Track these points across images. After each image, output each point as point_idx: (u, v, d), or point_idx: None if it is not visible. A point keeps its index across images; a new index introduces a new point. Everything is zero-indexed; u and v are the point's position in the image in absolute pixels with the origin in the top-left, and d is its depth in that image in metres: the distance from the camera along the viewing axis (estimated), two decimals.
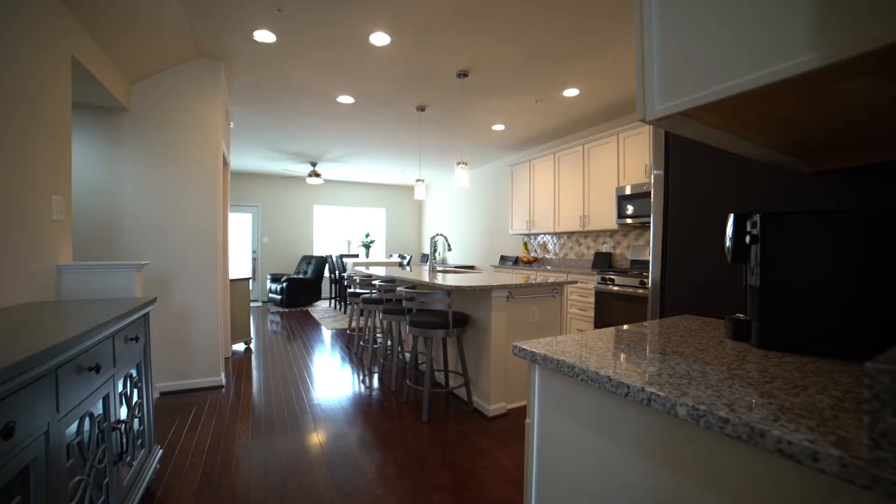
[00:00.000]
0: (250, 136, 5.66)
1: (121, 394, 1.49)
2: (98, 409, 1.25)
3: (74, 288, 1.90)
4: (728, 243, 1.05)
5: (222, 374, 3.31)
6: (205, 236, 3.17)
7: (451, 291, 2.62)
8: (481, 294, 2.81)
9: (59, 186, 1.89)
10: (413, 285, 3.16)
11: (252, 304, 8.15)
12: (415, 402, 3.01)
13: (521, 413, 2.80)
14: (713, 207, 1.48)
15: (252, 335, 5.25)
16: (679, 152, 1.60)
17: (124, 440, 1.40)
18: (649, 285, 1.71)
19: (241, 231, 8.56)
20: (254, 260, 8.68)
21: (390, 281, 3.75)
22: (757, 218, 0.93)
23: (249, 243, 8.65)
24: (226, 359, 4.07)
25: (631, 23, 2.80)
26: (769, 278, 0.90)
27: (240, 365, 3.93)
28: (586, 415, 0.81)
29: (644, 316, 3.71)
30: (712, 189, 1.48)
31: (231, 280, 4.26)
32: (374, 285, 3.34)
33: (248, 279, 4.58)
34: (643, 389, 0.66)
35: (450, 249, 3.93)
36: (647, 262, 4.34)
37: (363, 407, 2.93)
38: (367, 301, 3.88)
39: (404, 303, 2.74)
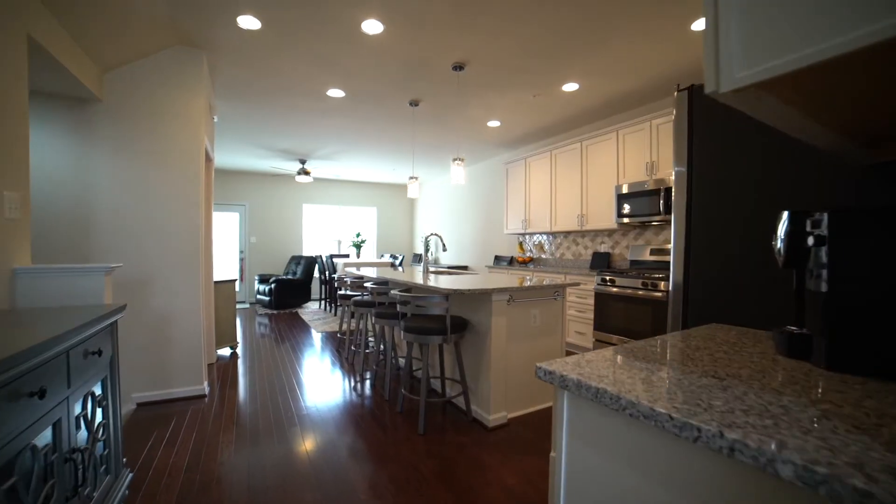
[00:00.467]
0: (236, 132, 5.44)
1: (79, 416, 1.31)
2: (45, 439, 1.07)
3: (32, 294, 1.71)
4: (779, 245, 0.91)
5: (205, 382, 3.11)
6: (186, 236, 2.98)
7: (448, 295, 2.46)
8: (480, 298, 2.66)
9: (13, 181, 1.69)
10: (407, 288, 3.00)
11: (239, 306, 7.91)
12: (410, 411, 2.85)
13: (522, 423, 2.66)
14: (743, 205, 1.35)
15: (239, 339, 5.04)
16: (705, 148, 1.46)
17: (81, 470, 1.22)
18: (670, 288, 1.57)
19: (227, 231, 8.30)
20: (241, 260, 8.43)
21: (383, 283, 3.58)
22: (823, 216, 0.79)
23: (236, 243, 8.40)
24: (210, 365, 3.87)
25: (633, 17, 2.68)
26: (842, 286, 0.76)
27: (225, 371, 3.73)
28: (634, 457, 0.66)
29: (648, 318, 3.59)
30: (744, 186, 1.35)
31: (216, 282, 4.05)
32: (366, 288, 3.17)
33: (234, 281, 4.37)
34: (721, 435, 0.51)
35: (445, 250, 3.78)
36: (648, 262, 4.24)
37: (355, 417, 2.76)
38: (359, 304, 3.70)
39: (399, 307, 2.58)
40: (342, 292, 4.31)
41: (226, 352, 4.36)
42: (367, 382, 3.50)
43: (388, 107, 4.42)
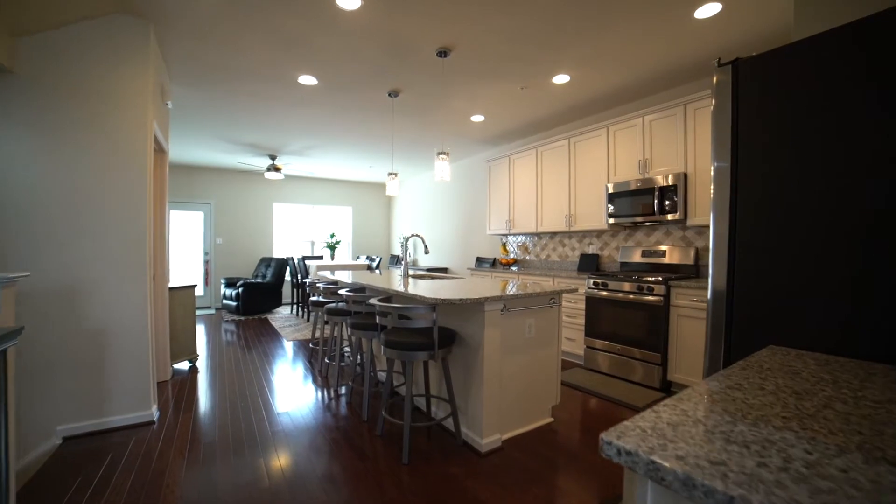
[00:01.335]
0: (198, 123, 4.96)
1: None
2: None
3: None
4: None
5: (154, 406, 2.70)
6: (130, 237, 2.56)
7: (436, 306, 2.16)
8: (471, 307, 2.38)
9: None
10: (388, 296, 2.69)
11: (203, 312, 7.35)
12: (391, 434, 2.54)
13: (518, 445, 2.39)
14: (804, 204, 1.12)
15: (201, 350, 4.58)
16: (755, 136, 1.23)
17: None
18: (708, 296, 1.33)
19: (191, 231, 7.72)
20: (206, 263, 7.86)
21: (360, 290, 3.25)
22: None
23: (201, 244, 7.82)
24: (163, 383, 3.43)
25: (632, 3, 2.47)
26: None
27: (181, 389, 3.31)
28: None
29: (643, 324, 3.40)
30: (802, 182, 1.11)
31: (172, 288, 3.61)
32: (341, 295, 2.84)
33: (193, 286, 3.93)
34: None
35: (427, 252, 3.48)
36: (639, 264, 4.06)
37: (329, 442, 2.42)
38: (333, 312, 3.36)
39: (378, 318, 2.27)
40: (315, 298, 3.95)
41: (184, 366, 3.91)
42: (343, 398, 3.16)
43: (366, 97, 4.08)
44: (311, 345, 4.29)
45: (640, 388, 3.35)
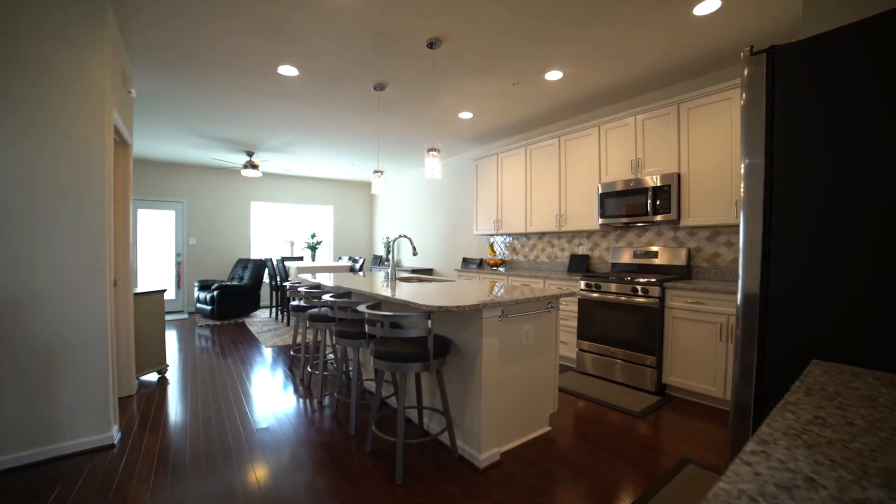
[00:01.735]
0: (167, 116, 4.65)
1: None
2: None
3: None
4: None
5: (114, 428, 2.44)
6: (87, 237, 2.30)
7: (431, 313, 2.00)
8: (468, 314, 2.22)
9: None
10: (376, 302, 2.51)
11: (176, 317, 6.97)
12: (381, 450, 2.36)
13: (517, 458, 2.26)
14: (859, 197, 1.01)
15: (172, 359, 4.28)
16: (791, 130, 1.12)
17: None
18: (738, 302, 1.22)
19: (161, 231, 7.31)
20: (178, 265, 7.46)
21: (345, 295, 3.06)
22: None
23: (172, 245, 7.42)
24: (127, 398, 3.15)
25: None
26: None
27: (148, 404, 3.04)
28: None
29: (638, 327, 3.32)
30: (854, 182, 1.00)
31: (137, 293, 3.33)
32: (325, 301, 2.64)
33: (162, 291, 3.65)
34: None
35: (415, 254, 3.32)
36: (631, 265, 4.00)
37: (314, 461, 2.23)
38: (315, 318, 3.15)
39: (367, 327, 2.09)
40: (296, 303, 3.72)
41: (152, 378, 3.62)
42: (327, 410, 2.95)
43: (351, 90, 3.88)
44: (291, 352, 4.05)
45: (634, 392, 3.26)
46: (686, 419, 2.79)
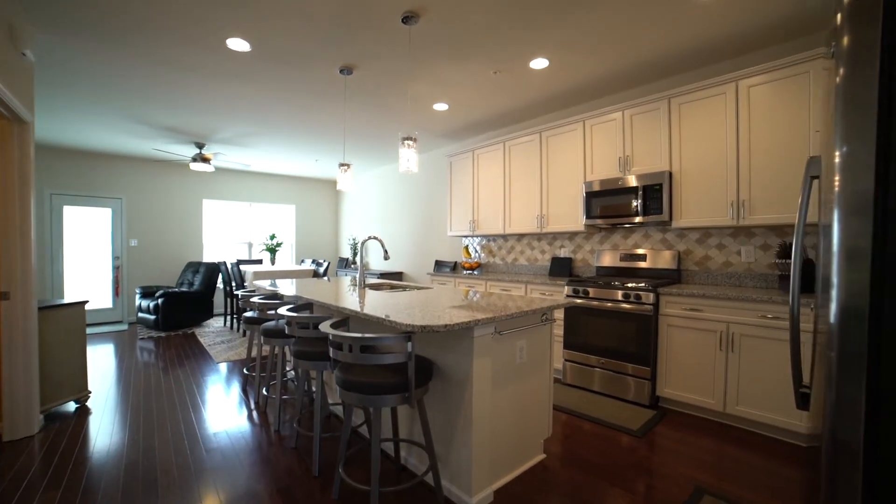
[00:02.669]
0: (94, 96, 4.01)
1: None
2: None
3: None
4: None
5: None
6: None
7: (412, 334, 1.63)
8: (457, 332, 1.87)
9: None
10: (343, 318, 2.11)
11: (112, 329, 6.19)
12: (352, 496, 1.97)
13: (511, 496, 1.93)
14: None
15: (101, 380, 3.65)
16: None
17: None
18: (832, 318, 0.93)
19: (95, 232, 6.49)
20: (116, 269, 6.65)
21: (304, 307, 2.63)
22: None
23: (109, 247, 6.61)
24: (22, 441, 2.57)
25: None
26: None
27: (53, 446, 2.48)
28: None
29: (630, 335, 3.08)
30: None
31: (45, 307, 2.75)
32: (281, 315, 2.22)
33: (82, 303, 3.06)
34: None
35: (387, 258, 2.93)
36: (617, 268, 3.78)
37: None
38: (271, 333, 2.71)
39: (332, 351, 1.69)
40: (249, 314, 3.24)
41: (69, 407, 3.03)
42: (288, 442, 2.51)
43: (313, 72, 3.44)
44: (245, 370, 3.55)
45: (628, 406, 3.03)
46: (687, 436, 2.56)
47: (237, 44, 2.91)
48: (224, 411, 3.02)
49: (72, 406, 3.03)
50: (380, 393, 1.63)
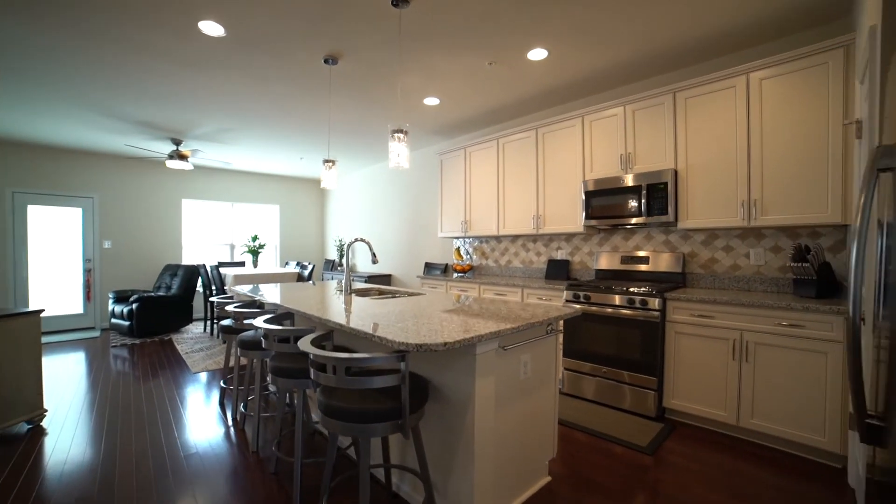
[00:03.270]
0: (57, 87, 3.69)
1: None
2: None
3: None
4: None
5: None
6: None
7: (405, 354, 1.41)
8: (458, 350, 1.66)
9: None
10: (326, 332, 1.88)
11: (84, 336, 5.82)
12: None
13: None
14: None
15: (64, 394, 3.34)
16: None
17: None
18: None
19: (64, 233, 6.11)
20: (87, 272, 6.28)
21: (284, 317, 2.40)
22: None
23: (79, 249, 6.23)
24: None
25: None
26: None
27: None
28: None
29: (635, 343, 2.90)
30: None
31: None
32: (257, 326, 1.97)
33: (37, 312, 2.76)
34: None
35: (375, 262, 2.71)
36: (618, 271, 3.61)
37: None
38: (248, 345, 2.46)
39: (313, 373, 1.46)
40: (226, 323, 2.99)
41: (19, 428, 2.72)
42: (270, 465, 2.27)
43: (295, 62, 3.19)
44: (222, 382, 3.28)
45: (632, 419, 2.85)
46: (700, 453, 2.39)
47: (210, 27, 2.65)
48: (198, 429, 2.75)
49: (24, 427, 2.73)
50: (369, 421, 1.41)
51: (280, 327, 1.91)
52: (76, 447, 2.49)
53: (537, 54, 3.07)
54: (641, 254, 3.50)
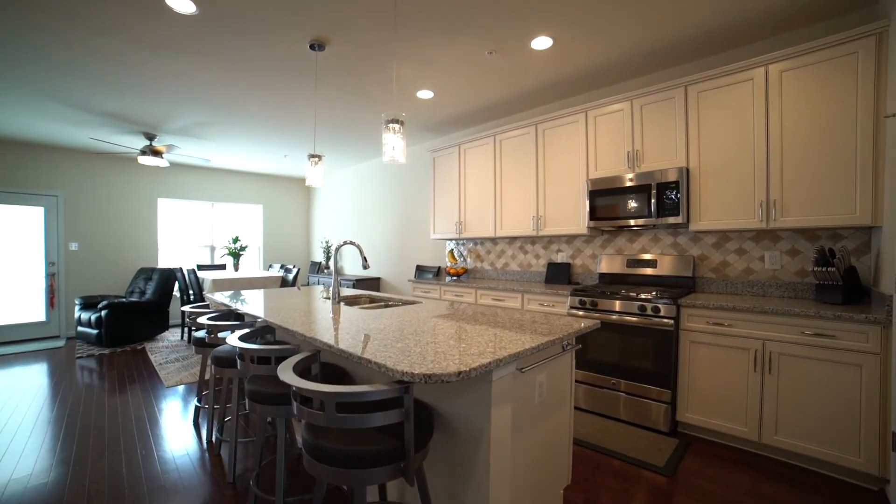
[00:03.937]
0: (12, 72, 3.33)
1: None
2: None
3: None
4: None
5: None
6: None
7: (410, 385, 1.17)
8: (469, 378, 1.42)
9: None
10: (314, 351, 1.62)
11: (47, 346, 5.39)
12: None
13: None
14: None
15: (15, 413, 2.99)
16: None
17: None
18: None
19: (23, 234, 5.66)
20: (51, 276, 5.83)
21: (262, 332, 2.13)
22: None
23: (41, 252, 5.78)
24: None
25: None
26: None
27: None
28: None
29: (648, 353, 2.70)
30: None
31: None
32: (231, 343, 1.70)
33: None
34: None
35: (366, 267, 2.45)
36: (623, 275, 3.42)
37: None
38: (223, 362, 2.19)
39: (296, 407, 1.20)
40: (200, 335, 2.69)
41: None
42: (246, 498, 2.00)
43: (276, 46, 2.91)
44: (196, 402, 2.98)
45: (644, 433, 2.65)
46: (725, 474, 2.20)
47: (180, 3, 2.36)
48: (168, 456, 2.45)
49: None
50: (365, 466, 1.16)
51: (257, 346, 1.64)
52: (16, 479, 2.16)
53: (541, 43, 2.85)
54: (648, 257, 3.32)
